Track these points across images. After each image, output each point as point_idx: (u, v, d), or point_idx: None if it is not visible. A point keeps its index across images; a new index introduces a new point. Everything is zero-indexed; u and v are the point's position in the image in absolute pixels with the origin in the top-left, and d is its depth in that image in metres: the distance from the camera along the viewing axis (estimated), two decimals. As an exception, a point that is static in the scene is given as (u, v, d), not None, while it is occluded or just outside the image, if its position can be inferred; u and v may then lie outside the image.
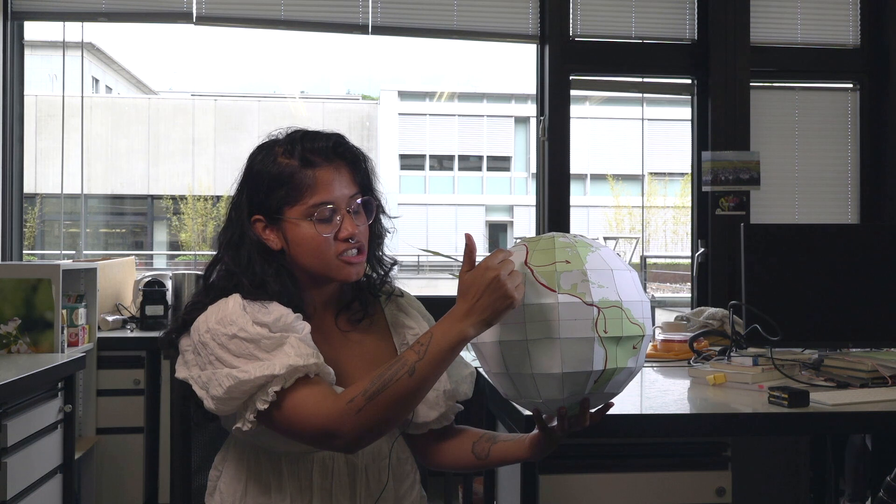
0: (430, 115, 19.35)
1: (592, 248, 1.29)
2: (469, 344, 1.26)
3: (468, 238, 1.26)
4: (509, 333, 1.25)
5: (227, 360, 1.26)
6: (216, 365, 1.26)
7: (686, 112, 4.17)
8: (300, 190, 1.34)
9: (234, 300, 1.30)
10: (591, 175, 18.64)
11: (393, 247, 1.51)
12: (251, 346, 1.25)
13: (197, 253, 15.19)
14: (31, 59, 3.96)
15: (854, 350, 2.30)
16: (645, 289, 1.46)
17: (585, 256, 1.27)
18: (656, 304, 4.92)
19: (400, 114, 18.91)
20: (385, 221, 1.47)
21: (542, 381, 1.25)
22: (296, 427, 1.26)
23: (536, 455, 1.40)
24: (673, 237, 16.39)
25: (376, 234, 1.45)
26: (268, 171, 1.35)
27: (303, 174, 1.34)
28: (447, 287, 9.87)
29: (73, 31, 4.34)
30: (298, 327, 1.30)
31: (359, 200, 1.39)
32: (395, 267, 1.51)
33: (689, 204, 4.14)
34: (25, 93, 3.92)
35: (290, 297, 1.34)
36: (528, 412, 1.75)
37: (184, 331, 1.34)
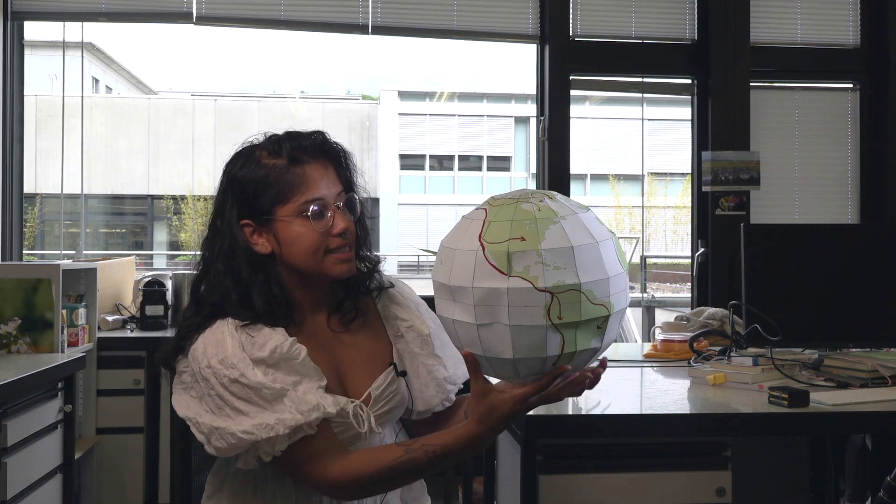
0: (430, 115, 19.34)
1: (556, 219, 1.17)
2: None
3: (467, 357, 1.23)
4: (461, 314, 1.20)
5: (229, 400, 1.27)
6: (218, 403, 1.27)
7: (686, 112, 4.17)
8: (291, 187, 1.33)
9: (231, 338, 1.29)
10: (591, 175, 18.63)
11: (393, 247, 1.51)
12: (251, 393, 1.26)
13: (197, 253, 15.18)
14: (31, 59, 3.96)
15: (854, 350, 2.30)
16: (644, 289, 1.43)
17: (544, 232, 1.16)
18: (656, 304, 4.91)
19: (400, 114, 18.89)
20: (367, 221, 1.47)
21: (496, 364, 1.21)
22: (299, 478, 1.32)
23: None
24: (673, 237, 16.39)
25: (359, 234, 1.44)
26: (254, 173, 1.35)
27: (292, 172, 1.34)
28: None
29: (73, 31, 4.35)
30: (294, 353, 1.31)
31: (344, 197, 1.39)
32: (381, 265, 1.51)
33: (689, 204, 4.14)
34: (25, 93, 3.92)
35: (276, 308, 1.34)
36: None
37: (180, 353, 1.34)
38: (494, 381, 1.26)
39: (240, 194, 1.36)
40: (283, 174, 1.34)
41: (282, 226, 1.34)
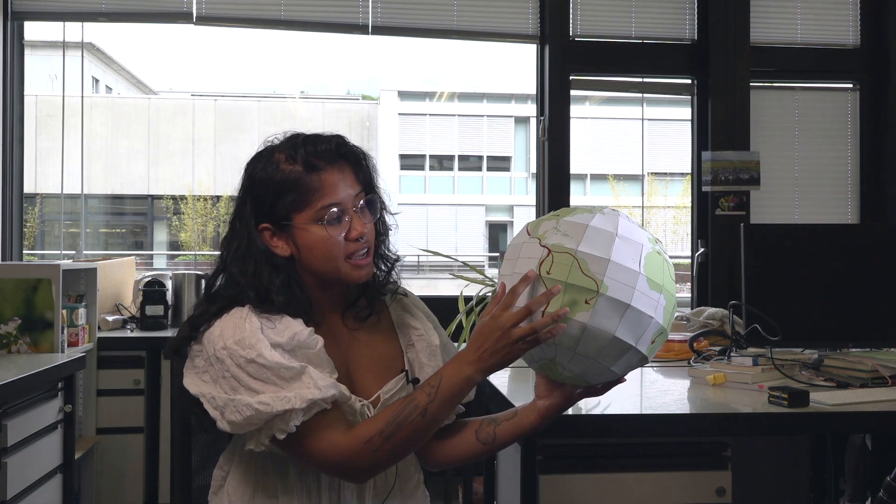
0: (430, 115, 19.32)
1: (594, 211, 1.33)
2: None
3: (500, 286, 1.32)
4: (501, 269, 1.38)
5: (244, 381, 1.26)
6: (233, 384, 1.27)
7: (686, 112, 4.17)
8: (307, 194, 1.34)
9: (249, 320, 1.29)
10: (591, 175, 18.63)
11: (393, 246, 1.52)
12: (269, 373, 1.26)
13: (197, 253, 15.19)
14: (31, 59, 3.96)
15: (854, 350, 2.30)
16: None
17: (575, 214, 1.33)
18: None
19: (400, 114, 18.88)
20: (388, 218, 1.48)
21: None
22: (311, 457, 1.30)
23: (547, 420, 1.41)
24: (673, 237, 16.38)
25: (380, 231, 1.46)
26: (271, 178, 1.35)
27: (308, 179, 1.34)
28: (447, 287, 9.86)
29: (73, 31, 4.34)
30: (312, 342, 1.31)
31: (364, 199, 1.39)
32: (398, 263, 1.51)
33: (690, 204, 4.15)
34: (25, 93, 3.92)
35: (296, 306, 1.34)
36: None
37: (192, 341, 1.34)
38: None
39: (258, 198, 1.36)
40: (300, 181, 1.34)
41: (299, 232, 1.35)
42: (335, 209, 1.34)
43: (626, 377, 1.35)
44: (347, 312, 1.45)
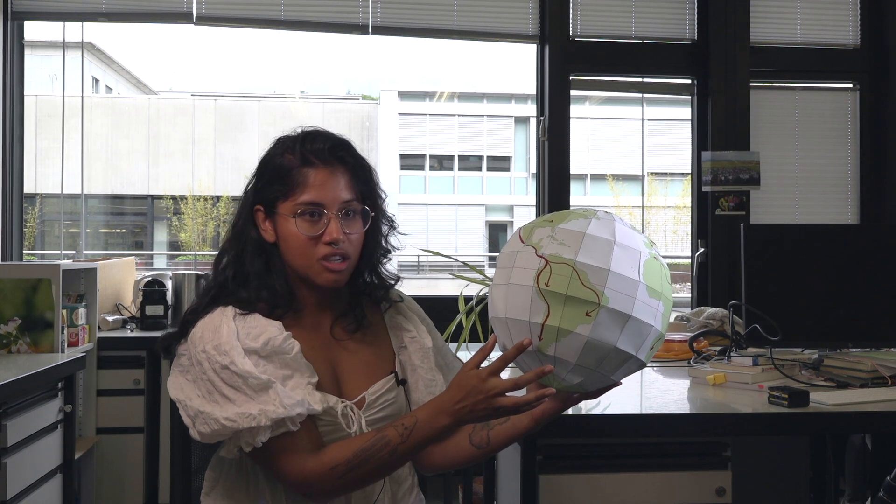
0: (430, 115, 19.31)
1: (588, 216, 1.28)
2: None
3: (492, 338, 1.32)
4: (494, 277, 1.35)
5: (219, 386, 1.29)
6: (209, 388, 1.29)
7: (686, 112, 4.17)
8: (293, 186, 1.36)
9: (227, 324, 1.31)
10: (591, 175, 18.62)
11: (390, 270, 1.52)
12: (239, 381, 1.28)
13: (197, 253, 15.17)
14: (31, 59, 3.96)
15: (854, 350, 2.30)
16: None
17: (570, 220, 1.28)
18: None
19: (400, 114, 18.87)
20: (392, 239, 1.48)
21: (497, 324, 1.32)
22: (276, 472, 1.32)
23: (540, 424, 1.41)
24: (673, 237, 16.38)
25: (375, 246, 1.45)
26: (273, 163, 1.39)
27: (298, 172, 1.37)
28: (447, 287, 9.84)
29: (73, 31, 4.34)
30: (287, 347, 1.32)
31: (352, 207, 1.39)
32: (397, 284, 1.52)
33: (690, 204, 4.15)
34: (25, 93, 3.92)
35: (271, 294, 1.36)
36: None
37: (182, 337, 1.36)
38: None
39: (259, 180, 1.41)
40: (290, 172, 1.37)
41: (280, 220, 1.38)
42: (311, 208, 1.36)
43: (621, 381, 1.35)
44: (337, 323, 1.44)
